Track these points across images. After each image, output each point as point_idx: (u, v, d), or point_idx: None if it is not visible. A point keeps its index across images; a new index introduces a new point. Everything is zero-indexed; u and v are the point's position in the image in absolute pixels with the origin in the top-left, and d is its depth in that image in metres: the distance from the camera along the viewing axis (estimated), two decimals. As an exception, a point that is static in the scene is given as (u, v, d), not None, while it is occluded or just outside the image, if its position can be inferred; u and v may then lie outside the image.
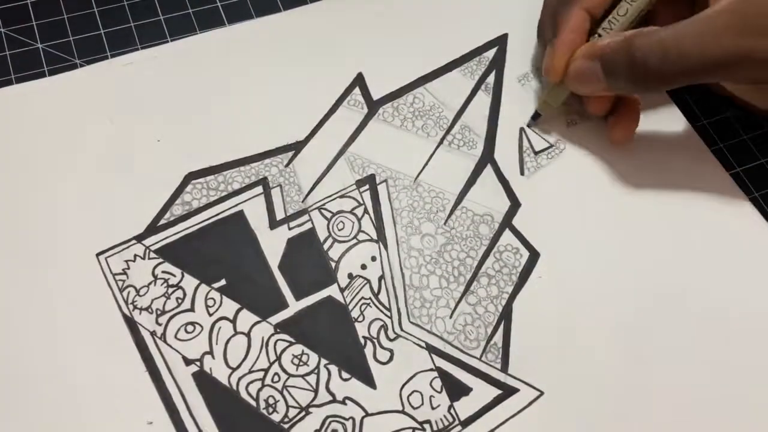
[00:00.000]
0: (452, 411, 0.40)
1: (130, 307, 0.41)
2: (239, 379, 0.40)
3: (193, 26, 0.53)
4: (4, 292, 0.41)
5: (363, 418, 0.39)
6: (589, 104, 0.48)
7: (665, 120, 0.51)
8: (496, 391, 0.41)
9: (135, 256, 0.43)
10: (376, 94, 0.50)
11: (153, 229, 0.44)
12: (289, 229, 0.44)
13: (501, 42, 0.53)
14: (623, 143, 0.48)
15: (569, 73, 0.46)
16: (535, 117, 0.49)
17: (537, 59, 0.52)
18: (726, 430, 0.40)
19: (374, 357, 0.41)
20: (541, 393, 0.41)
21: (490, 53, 0.52)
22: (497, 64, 0.52)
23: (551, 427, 0.40)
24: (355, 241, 0.44)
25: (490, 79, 0.51)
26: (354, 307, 0.42)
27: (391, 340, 0.42)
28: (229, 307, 0.42)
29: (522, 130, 0.49)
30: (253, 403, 0.39)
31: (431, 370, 0.41)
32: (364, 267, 0.44)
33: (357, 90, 0.50)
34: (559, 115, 0.50)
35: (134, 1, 0.54)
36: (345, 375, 0.41)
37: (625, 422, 0.40)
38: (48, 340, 0.40)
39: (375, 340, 0.42)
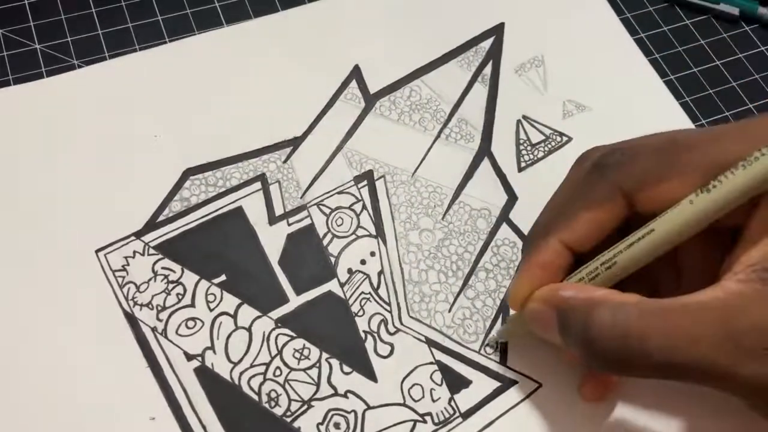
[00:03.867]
0: (452, 403, 0.40)
1: (131, 303, 0.41)
2: (241, 373, 0.40)
3: (192, 27, 0.53)
4: (4, 290, 0.41)
5: (365, 411, 0.40)
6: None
7: (666, 118, 0.51)
8: (495, 384, 0.41)
9: (134, 252, 0.43)
10: (372, 87, 0.50)
11: (152, 225, 0.44)
12: (288, 224, 0.45)
13: (497, 31, 0.53)
14: (592, 402, 0.41)
15: (525, 313, 0.38)
16: (494, 345, 0.42)
17: None
18: (727, 418, 0.41)
19: (375, 351, 0.41)
20: (540, 385, 0.41)
21: (487, 43, 0.52)
22: (494, 55, 0.52)
23: (550, 418, 0.40)
24: (354, 236, 0.45)
25: (487, 70, 0.51)
26: (354, 301, 0.43)
27: (391, 334, 0.42)
28: (230, 302, 0.42)
29: (519, 122, 0.49)
30: (255, 397, 0.40)
31: (431, 363, 0.41)
32: (363, 262, 0.44)
33: (354, 83, 0.50)
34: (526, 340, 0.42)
35: (132, 2, 0.54)
36: (346, 369, 0.41)
37: (623, 413, 0.40)
38: (49, 338, 0.40)
39: (375, 334, 0.42)
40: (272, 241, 0.44)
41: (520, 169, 0.48)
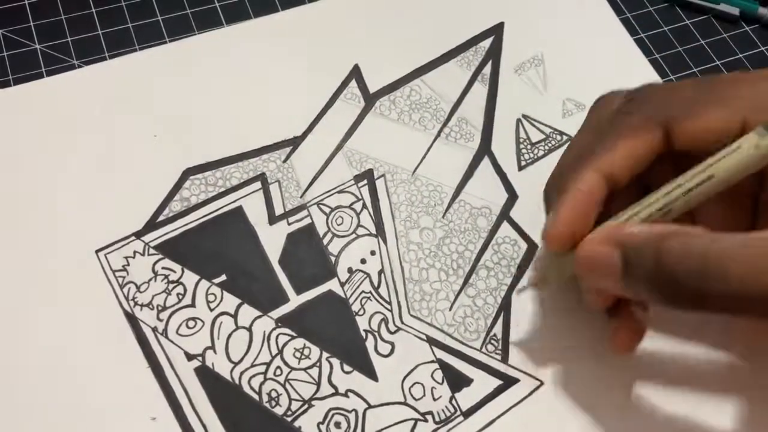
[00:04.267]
0: (454, 402, 0.40)
1: (131, 303, 0.41)
2: (241, 373, 0.40)
3: (192, 27, 0.53)
4: (4, 291, 0.41)
5: (365, 410, 0.40)
6: (587, 295, 0.39)
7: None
8: (496, 382, 0.41)
9: (134, 252, 0.43)
10: (372, 87, 0.50)
11: (152, 225, 0.44)
12: (289, 224, 0.45)
13: (497, 31, 0.53)
14: (624, 354, 0.40)
15: (578, 257, 0.35)
16: (522, 288, 0.43)
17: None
18: (727, 416, 0.41)
19: (375, 350, 0.41)
20: (541, 383, 0.41)
21: (486, 43, 0.53)
22: (493, 54, 0.52)
23: (552, 417, 0.40)
24: (354, 235, 0.45)
25: (487, 69, 0.51)
26: (354, 300, 0.43)
27: (391, 333, 0.42)
28: (230, 302, 0.42)
29: (519, 121, 0.49)
30: (256, 397, 0.40)
31: (432, 362, 0.41)
32: (363, 261, 0.44)
33: (354, 83, 0.50)
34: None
35: (132, 2, 0.54)
36: (347, 368, 0.41)
37: (625, 411, 0.40)
38: (49, 338, 0.40)
39: (376, 333, 0.42)
40: (272, 240, 0.44)
41: (521, 168, 0.48)
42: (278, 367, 0.40)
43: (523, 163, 0.48)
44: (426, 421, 0.39)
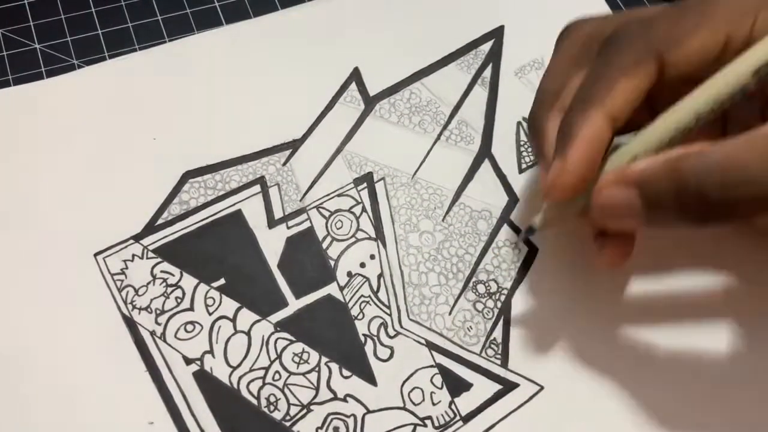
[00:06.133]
0: (453, 407, 0.40)
1: (129, 306, 0.41)
2: (240, 377, 0.40)
3: (191, 26, 0.53)
4: (2, 293, 0.41)
5: (364, 415, 0.40)
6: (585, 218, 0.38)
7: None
8: (496, 387, 0.41)
9: (133, 255, 0.43)
10: (372, 90, 0.50)
11: (151, 228, 0.44)
12: (288, 227, 0.44)
13: (497, 34, 0.53)
14: (611, 269, 0.41)
15: (596, 205, 0.35)
16: (530, 232, 0.40)
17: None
18: (728, 424, 0.40)
19: (374, 354, 0.41)
20: (542, 388, 0.41)
21: (487, 46, 0.52)
22: (494, 57, 0.52)
23: (552, 422, 0.40)
24: (353, 239, 0.44)
25: (487, 72, 0.51)
26: (354, 305, 0.42)
27: (391, 337, 0.42)
28: (229, 306, 0.42)
29: (519, 124, 0.49)
30: (255, 401, 0.39)
31: (431, 366, 0.41)
32: (363, 265, 0.44)
33: (353, 85, 0.50)
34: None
35: (132, 2, 0.54)
36: (346, 372, 0.41)
37: (626, 416, 0.40)
38: (47, 341, 0.40)
39: (375, 338, 0.42)
40: (271, 244, 0.44)
41: (521, 171, 0.47)
42: (277, 372, 0.40)
43: (523, 165, 0.48)
44: (425, 426, 0.39)
